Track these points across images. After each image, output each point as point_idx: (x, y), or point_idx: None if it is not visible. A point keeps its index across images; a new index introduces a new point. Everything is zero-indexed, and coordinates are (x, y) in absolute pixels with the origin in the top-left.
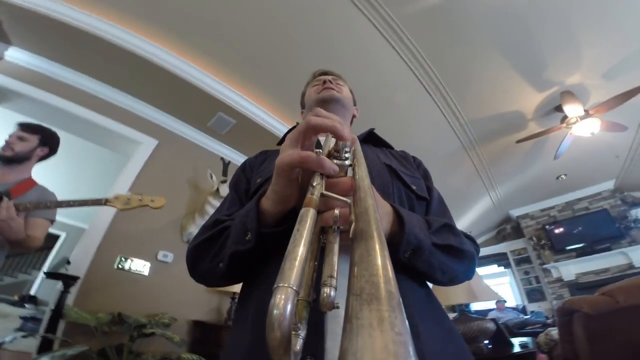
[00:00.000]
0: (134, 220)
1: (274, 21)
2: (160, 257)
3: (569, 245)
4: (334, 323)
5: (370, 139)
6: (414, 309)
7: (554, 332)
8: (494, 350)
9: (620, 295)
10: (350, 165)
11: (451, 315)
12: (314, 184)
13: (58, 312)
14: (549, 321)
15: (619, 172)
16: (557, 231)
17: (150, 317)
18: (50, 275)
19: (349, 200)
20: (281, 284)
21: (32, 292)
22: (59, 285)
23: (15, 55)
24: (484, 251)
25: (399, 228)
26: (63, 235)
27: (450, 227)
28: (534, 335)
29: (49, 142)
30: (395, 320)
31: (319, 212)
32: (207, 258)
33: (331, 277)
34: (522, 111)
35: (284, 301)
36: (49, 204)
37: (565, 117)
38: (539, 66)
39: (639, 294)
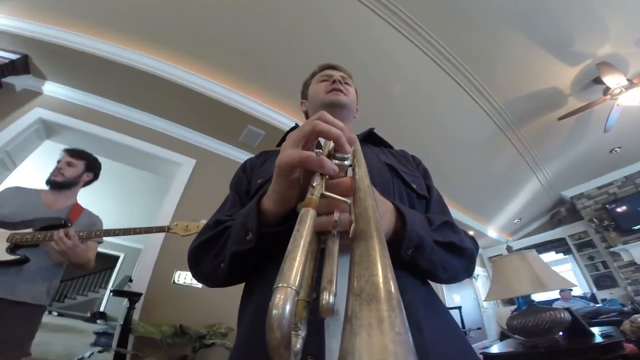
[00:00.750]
0: (183, 237)
1: (288, 29)
2: None
3: (637, 224)
4: (334, 323)
5: (370, 139)
6: (417, 305)
7: None
8: (570, 341)
9: None
10: (350, 165)
11: (510, 308)
12: (314, 184)
13: (127, 327)
14: (626, 309)
15: None
16: (619, 209)
17: (208, 328)
18: (117, 293)
19: (349, 201)
20: (281, 284)
21: (102, 308)
22: (124, 302)
23: (54, 89)
24: (537, 238)
25: (401, 226)
26: (122, 255)
27: (450, 225)
28: (608, 324)
29: (93, 168)
30: (395, 320)
31: (319, 213)
32: (208, 258)
33: (330, 282)
34: (559, 87)
35: (283, 301)
36: (117, 232)
37: (608, 88)
38: (564, 40)
39: None
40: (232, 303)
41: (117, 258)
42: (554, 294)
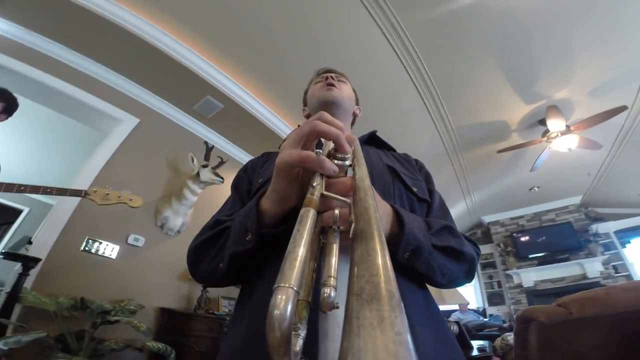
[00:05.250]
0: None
1: (277, 12)
2: (130, 240)
3: (532, 254)
4: (328, 323)
5: (373, 141)
6: (411, 310)
7: (510, 337)
8: None
9: (574, 307)
10: (350, 165)
11: None
12: (314, 184)
13: (14, 295)
14: (505, 325)
15: (587, 189)
16: (523, 239)
17: (115, 303)
18: (9, 255)
19: (349, 201)
20: (281, 284)
21: None
22: (17, 266)
23: None
24: None
25: (398, 228)
26: (26, 210)
27: (450, 229)
28: (490, 338)
29: (4, 98)
30: (396, 320)
31: (319, 213)
32: (207, 258)
33: (331, 277)
34: (508, 122)
35: (284, 301)
36: (24, 188)
37: (547, 131)
38: (531, 78)
39: (591, 306)
40: (149, 279)
41: (19, 212)
42: (454, 305)
